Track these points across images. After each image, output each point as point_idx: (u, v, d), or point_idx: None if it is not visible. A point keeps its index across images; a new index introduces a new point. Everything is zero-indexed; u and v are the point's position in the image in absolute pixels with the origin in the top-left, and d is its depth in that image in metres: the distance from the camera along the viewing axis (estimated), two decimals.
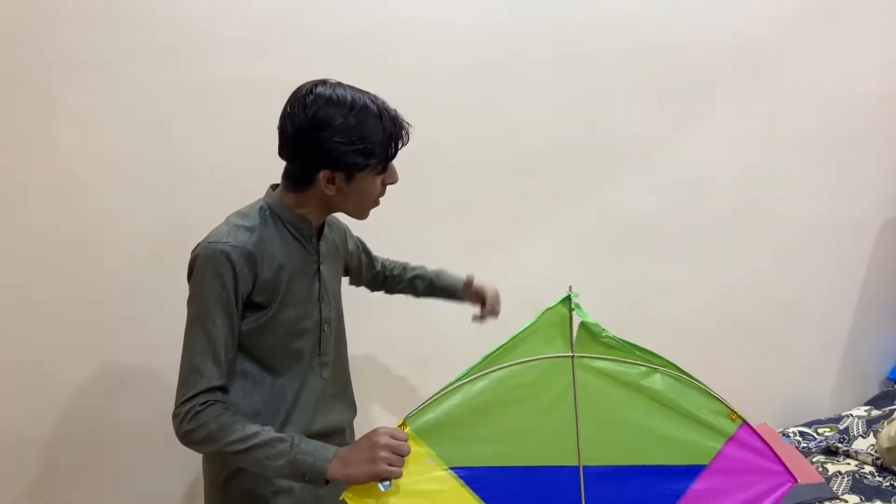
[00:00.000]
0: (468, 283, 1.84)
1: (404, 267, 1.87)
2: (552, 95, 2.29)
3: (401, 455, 1.24)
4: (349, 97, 1.34)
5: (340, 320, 1.57)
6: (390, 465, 1.22)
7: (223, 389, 1.31)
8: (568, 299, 1.37)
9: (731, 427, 1.39)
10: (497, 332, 1.90)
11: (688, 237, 2.54)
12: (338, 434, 1.56)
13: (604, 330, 1.37)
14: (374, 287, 1.86)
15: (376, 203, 1.45)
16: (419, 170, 2.17)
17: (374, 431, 1.25)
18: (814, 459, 2.30)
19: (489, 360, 1.36)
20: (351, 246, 1.69)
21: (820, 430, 2.50)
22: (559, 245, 2.41)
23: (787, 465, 1.51)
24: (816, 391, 2.71)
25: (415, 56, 2.14)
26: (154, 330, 1.95)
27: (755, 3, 2.46)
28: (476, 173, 2.27)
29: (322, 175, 1.35)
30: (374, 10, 2.08)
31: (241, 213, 1.40)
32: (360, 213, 1.46)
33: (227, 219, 1.39)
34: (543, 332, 1.38)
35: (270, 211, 1.40)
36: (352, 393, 1.63)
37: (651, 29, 2.34)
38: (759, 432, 1.40)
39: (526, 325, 1.38)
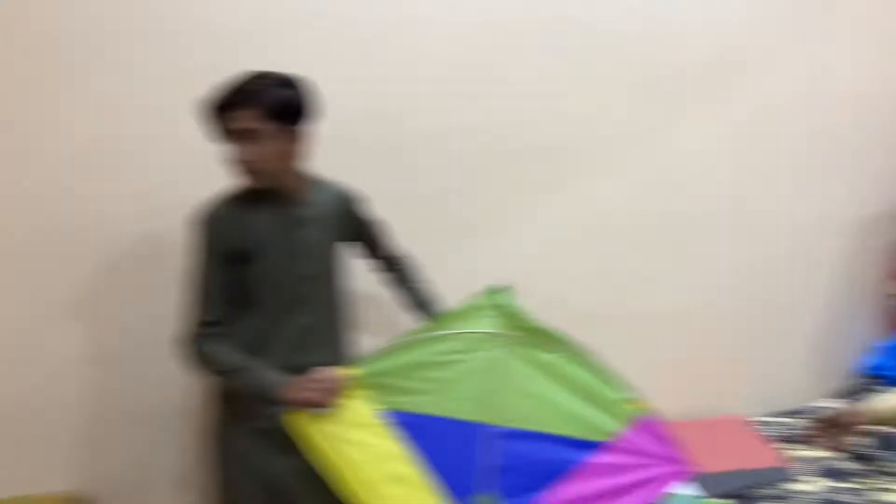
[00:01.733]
0: None
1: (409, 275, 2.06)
2: (537, 90, 2.40)
3: (328, 391, 1.62)
4: None
5: (330, 276, 1.83)
6: (318, 396, 1.61)
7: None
8: (501, 290, 1.72)
9: (632, 413, 1.64)
10: None
11: (670, 233, 2.65)
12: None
13: (528, 314, 1.68)
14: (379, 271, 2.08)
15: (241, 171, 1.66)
16: (409, 160, 2.35)
17: (312, 370, 1.65)
18: (778, 447, 2.41)
19: (431, 327, 1.73)
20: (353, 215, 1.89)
21: (787, 420, 2.60)
22: (543, 235, 2.52)
23: (745, 451, 1.64)
24: (788, 383, 2.81)
25: (406, 51, 2.28)
26: None
27: (736, 4, 2.55)
28: (460, 162, 2.40)
29: None
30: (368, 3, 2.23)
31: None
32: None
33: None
34: (476, 311, 1.72)
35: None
36: (343, 343, 1.87)
37: (636, 25, 2.44)
38: (658, 422, 1.60)
39: (463, 305, 1.72)
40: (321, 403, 1.63)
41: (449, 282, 2.33)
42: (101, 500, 2.32)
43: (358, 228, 1.92)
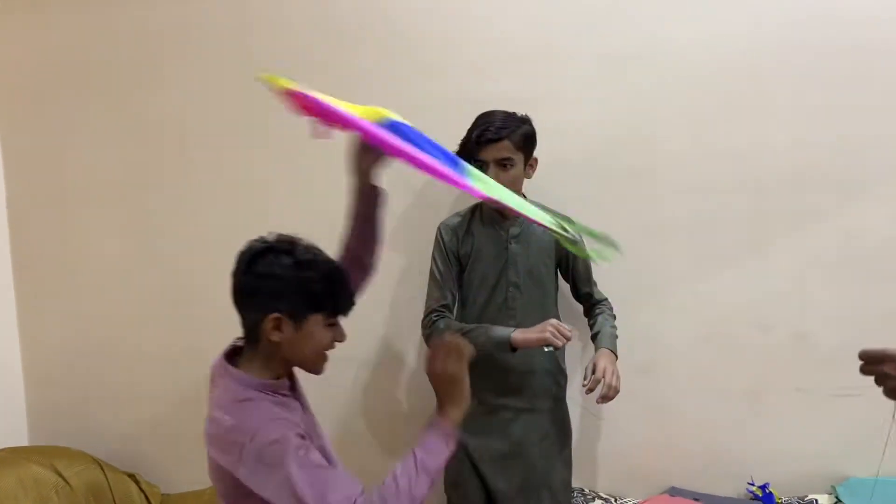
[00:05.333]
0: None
1: (597, 315, 2.18)
2: (797, 113, 2.24)
3: (564, 336, 1.87)
4: None
5: (539, 287, 2.11)
6: (554, 336, 1.87)
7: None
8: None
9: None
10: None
11: None
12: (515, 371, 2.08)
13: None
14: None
15: None
16: (659, 185, 2.28)
17: (549, 321, 1.91)
18: None
19: None
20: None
21: None
22: (796, 267, 2.30)
23: None
24: None
25: (658, 72, 2.25)
26: None
27: None
28: (712, 189, 2.28)
29: None
30: (623, 29, 2.26)
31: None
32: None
33: None
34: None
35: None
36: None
37: None
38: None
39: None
40: (554, 343, 1.89)
41: (692, 310, 2.33)
42: None
43: (563, 257, 2.15)
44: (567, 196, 2.25)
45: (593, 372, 1.95)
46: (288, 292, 1.35)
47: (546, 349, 1.96)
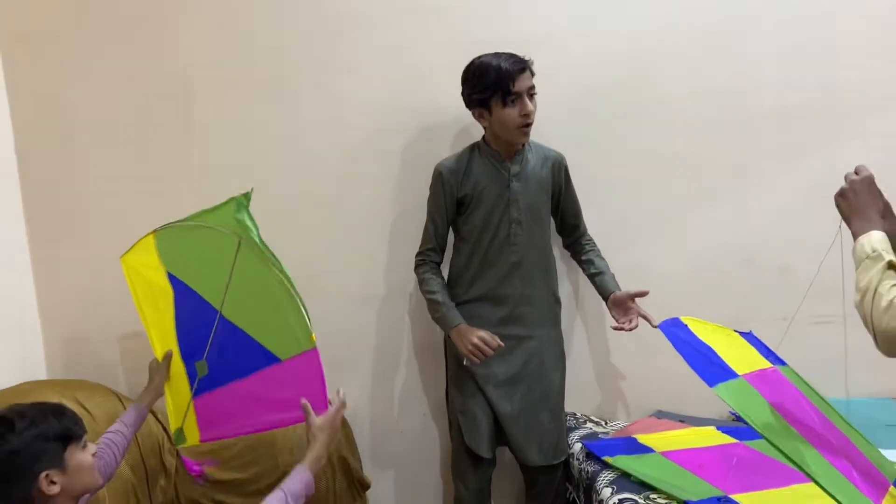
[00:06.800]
0: (612, 298, 2.23)
1: (588, 252, 2.34)
2: (784, 51, 2.36)
3: (486, 354, 2.10)
4: (473, 62, 2.08)
5: (539, 223, 2.22)
6: (474, 354, 2.11)
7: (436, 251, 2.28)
8: (245, 198, 1.88)
9: (308, 345, 1.82)
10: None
11: None
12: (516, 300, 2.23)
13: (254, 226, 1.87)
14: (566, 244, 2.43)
15: (519, 129, 2.08)
16: (648, 125, 2.40)
17: (477, 330, 2.14)
18: None
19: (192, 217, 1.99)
20: (558, 180, 2.26)
21: None
22: (780, 203, 2.44)
23: None
24: None
25: (649, 13, 2.37)
26: None
27: None
28: (700, 127, 2.39)
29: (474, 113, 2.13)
30: None
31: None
32: (510, 137, 2.12)
33: None
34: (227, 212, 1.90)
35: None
36: (547, 281, 2.27)
37: None
38: (319, 360, 1.81)
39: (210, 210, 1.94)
40: (471, 360, 2.12)
41: (681, 245, 2.49)
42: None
43: (556, 192, 2.26)
44: (560, 135, 2.32)
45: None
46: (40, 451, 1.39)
47: (464, 363, 2.15)
